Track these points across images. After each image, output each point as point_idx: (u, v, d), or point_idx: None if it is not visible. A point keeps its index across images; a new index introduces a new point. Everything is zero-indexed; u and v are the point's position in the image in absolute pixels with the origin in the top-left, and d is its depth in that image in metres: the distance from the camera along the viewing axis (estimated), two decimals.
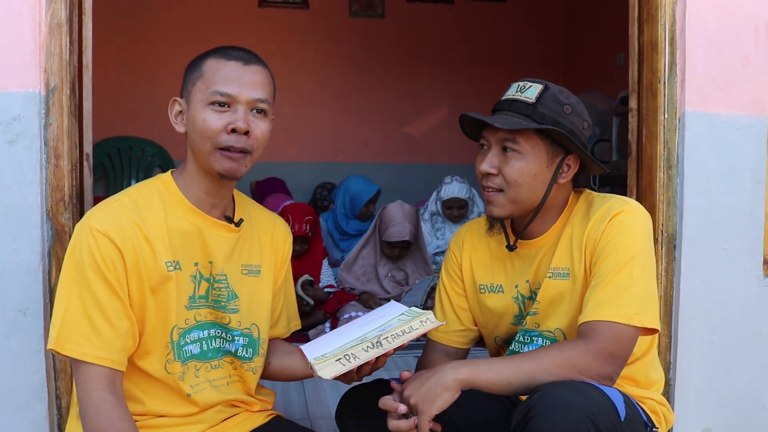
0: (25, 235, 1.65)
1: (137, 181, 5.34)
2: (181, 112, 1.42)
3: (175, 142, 5.08)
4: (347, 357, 1.27)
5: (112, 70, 4.91)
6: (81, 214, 1.72)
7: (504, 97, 1.51)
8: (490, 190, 1.48)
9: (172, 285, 1.36)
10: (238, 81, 1.35)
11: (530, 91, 1.47)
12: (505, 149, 1.46)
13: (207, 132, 1.34)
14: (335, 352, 1.29)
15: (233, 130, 1.34)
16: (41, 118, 1.66)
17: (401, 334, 1.32)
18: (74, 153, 1.70)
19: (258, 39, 5.17)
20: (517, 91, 1.49)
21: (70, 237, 1.66)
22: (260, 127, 1.38)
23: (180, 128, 1.41)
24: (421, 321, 1.34)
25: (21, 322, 1.65)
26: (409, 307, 1.46)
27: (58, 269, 1.66)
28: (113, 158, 5.08)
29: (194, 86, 1.38)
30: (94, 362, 1.27)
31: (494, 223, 1.56)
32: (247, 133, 1.35)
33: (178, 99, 1.42)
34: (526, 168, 1.45)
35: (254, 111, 1.38)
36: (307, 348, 1.48)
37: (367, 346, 1.29)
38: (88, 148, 1.76)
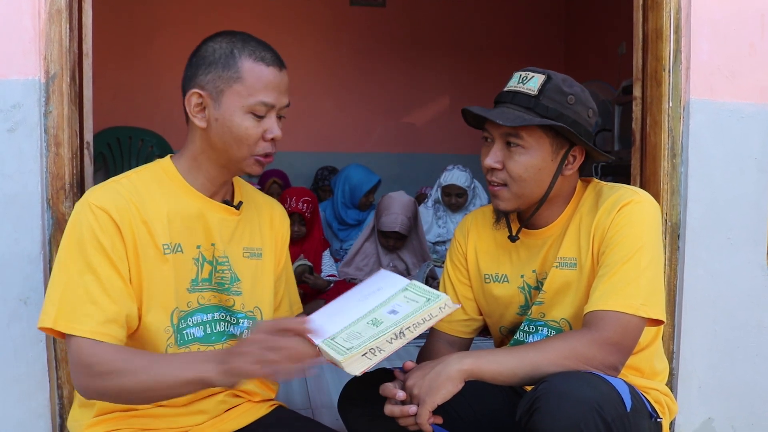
0: (26, 224, 1.64)
1: None
2: (202, 106, 1.37)
3: (175, 132, 5.07)
4: (373, 351, 1.25)
5: (113, 60, 4.88)
6: None
7: (506, 89, 1.49)
8: (495, 184, 1.47)
9: (170, 268, 1.35)
10: (277, 89, 1.37)
11: (532, 82, 1.44)
12: (508, 143, 1.44)
13: (248, 140, 1.35)
14: (358, 346, 1.26)
15: (272, 139, 1.37)
16: (41, 106, 1.64)
17: (422, 322, 1.30)
18: (74, 141, 1.69)
19: (258, 27, 5.12)
20: (519, 82, 1.46)
21: None
22: (280, 131, 1.40)
23: (201, 123, 1.37)
24: (440, 307, 1.32)
25: (22, 311, 1.64)
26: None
27: None
28: (113, 148, 5.07)
29: (229, 87, 1.34)
30: (96, 338, 1.26)
31: (501, 216, 1.55)
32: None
33: (201, 92, 1.36)
34: (530, 163, 1.43)
35: (278, 115, 1.40)
36: None
37: (391, 338, 1.27)
38: (88, 136, 1.75)
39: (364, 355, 1.25)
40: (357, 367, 1.24)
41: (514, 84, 1.48)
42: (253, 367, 1.18)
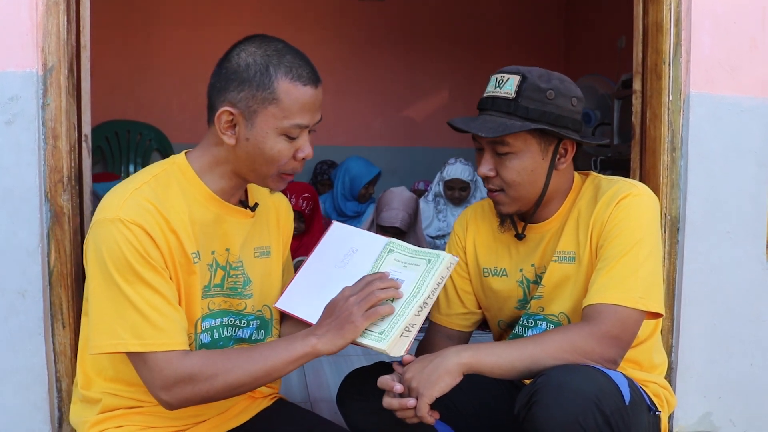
0: (24, 217, 1.63)
1: (135, 166, 5.25)
2: (232, 123, 1.31)
3: (174, 126, 5.07)
4: (407, 328, 1.28)
5: (111, 53, 4.86)
6: (80, 195, 1.70)
7: (485, 95, 1.48)
8: (493, 190, 1.48)
9: (196, 276, 1.33)
10: (312, 108, 1.33)
11: (508, 84, 1.43)
12: (497, 151, 1.44)
13: (279, 161, 1.33)
14: (391, 329, 1.27)
15: (302, 158, 1.35)
16: (39, 99, 1.64)
17: (437, 286, 1.33)
18: (72, 134, 1.68)
19: (257, 22, 5.13)
20: (496, 87, 1.46)
21: (69, 219, 1.65)
22: (311, 148, 1.38)
23: (230, 141, 1.32)
24: (447, 267, 1.34)
25: (20, 304, 1.64)
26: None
27: (57, 251, 1.65)
28: (111, 142, 5.05)
29: (264, 108, 1.29)
30: (183, 348, 1.26)
31: (505, 219, 1.55)
32: None
33: (232, 111, 1.30)
34: (521, 166, 1.43)
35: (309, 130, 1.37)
36: (289, 306, 1.45)
37: (417, 311, 1.29)
38: (86, 129, 1.74)
39: (401, 335, 1.27)
40: (400, 348, 1.27)
41: (491, 89, 1.47)
42: (357, 318, 1.26)
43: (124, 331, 1.23)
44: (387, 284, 1.31)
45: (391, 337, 1.25)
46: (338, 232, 1.53)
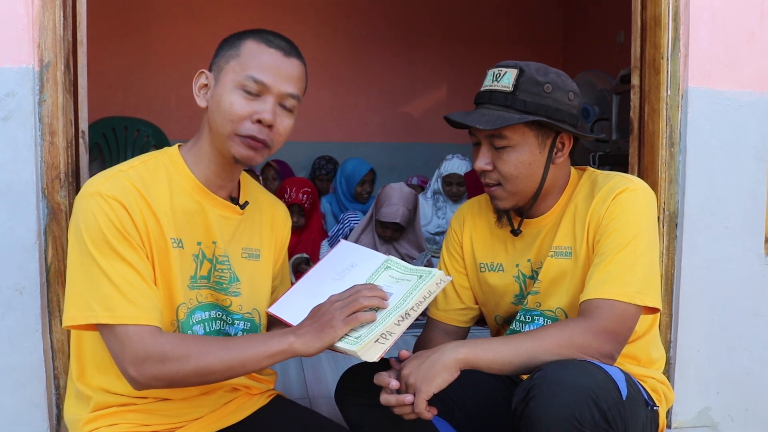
0: (21, 213, 1.63)
1: None
2: (206, 85, 1.37)
3: (172, 123, 5.06)
4: (384, 336, 1.27)
5: (108, 49, 4.85)
6: (77, 192, 1.70)
7: (482, 89, 1.48)
8: (490, 185, 1.48)
9: (176, 262, 1.33)
10: (275, 71, 1.33)
11: (506, 78, 1.44)
12: (494, 144, 1.44)
13: (231, 116, 1.31)
14: (368, 334, 1.26)
15: (258, 121, 1.31)
16: (35, 95, 1.63)
17: (423, 300, 1.32)
18: (69, 130, 1.68)
19: (254, 17, 5.12)
20: (493, 81, 1.46)
21: (66, 215, 1.65)
22: (284, 123, 1.36)
23: (202, 102, 1.37)
24: (436, 283, 1.34)
25: (17, 300, 1.64)
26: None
27: (55, 247, 1.65)
28: (108, 138, 5.04)
29: (228, 64, 1.34)
30: (155, 325, 1.24)
31: (502, 214, 1.55)
32: (270, 126, 1.33)
33: (206, 72, 1.37)
34: (518, 159, 1.43)
35: (282, 106, 1.35)
36: (279, 311, 1.45)
37: (398, 320, 1.28)
38: (83, 125, 1.74)
39: (376, 341, 1.26)
40: (373, 353, 1.26)
41: (489, 83, 1.47)
42: (337, 323, 1.25)
43: (97, 304, 1.23)
44: (374, 293, 1.30)
45: (366, 341, 1.25)
46: (343, 249, 1.54)
